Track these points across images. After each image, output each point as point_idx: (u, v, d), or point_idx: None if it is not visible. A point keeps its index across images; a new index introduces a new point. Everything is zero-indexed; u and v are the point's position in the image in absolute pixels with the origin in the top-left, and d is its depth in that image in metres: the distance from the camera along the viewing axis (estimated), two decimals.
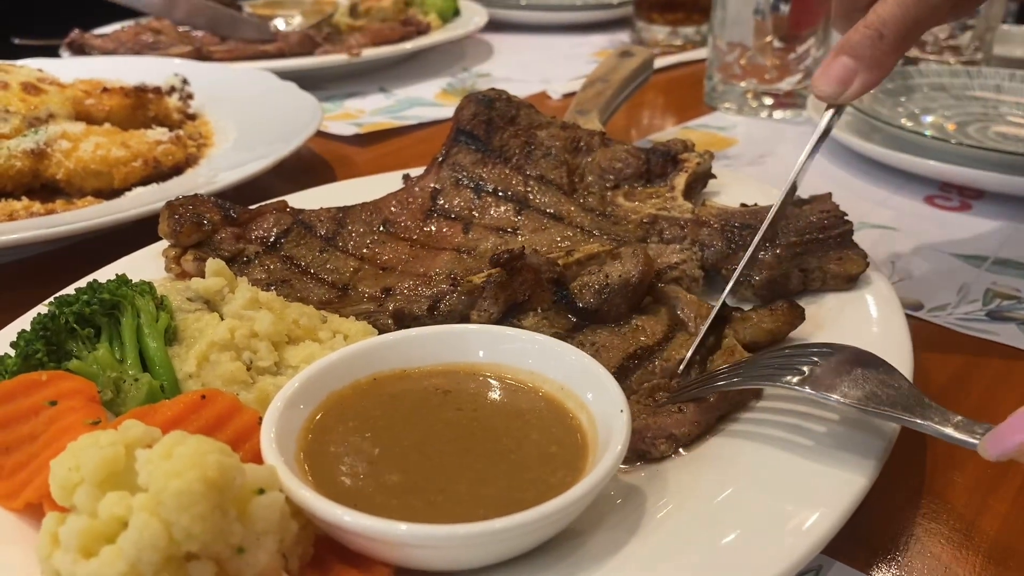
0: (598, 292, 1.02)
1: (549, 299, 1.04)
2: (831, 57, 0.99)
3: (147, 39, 2.44)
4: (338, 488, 0.74)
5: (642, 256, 1.04)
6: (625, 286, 1.02)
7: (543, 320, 1.02)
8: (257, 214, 1.24)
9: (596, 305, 1.02)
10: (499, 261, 0.99)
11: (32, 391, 0.82)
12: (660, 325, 1.01)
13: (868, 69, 0.96)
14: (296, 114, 1.78)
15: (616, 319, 1.03)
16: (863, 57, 0.96)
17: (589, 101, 1.68)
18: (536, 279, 1.02)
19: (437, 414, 0.84)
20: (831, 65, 0.98)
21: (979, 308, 1.24)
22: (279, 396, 0.80)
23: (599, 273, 1.03)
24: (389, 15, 2.79)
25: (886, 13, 0.94)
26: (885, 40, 0.94)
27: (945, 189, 1.64)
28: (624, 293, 1.03)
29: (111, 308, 0.91)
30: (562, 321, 1.02)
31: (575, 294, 1.03)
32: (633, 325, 1.02)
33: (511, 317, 1.01)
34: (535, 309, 1.03)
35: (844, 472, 0.78)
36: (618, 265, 1.03)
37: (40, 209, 1.46)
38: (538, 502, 0.69)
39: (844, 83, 0.98)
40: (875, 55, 0.95)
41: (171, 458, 0.65)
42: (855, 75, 0.97)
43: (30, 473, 0.76)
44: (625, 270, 1.02)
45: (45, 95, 1.70)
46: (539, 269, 1.02)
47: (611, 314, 1.03)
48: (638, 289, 1.04)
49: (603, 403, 0.81)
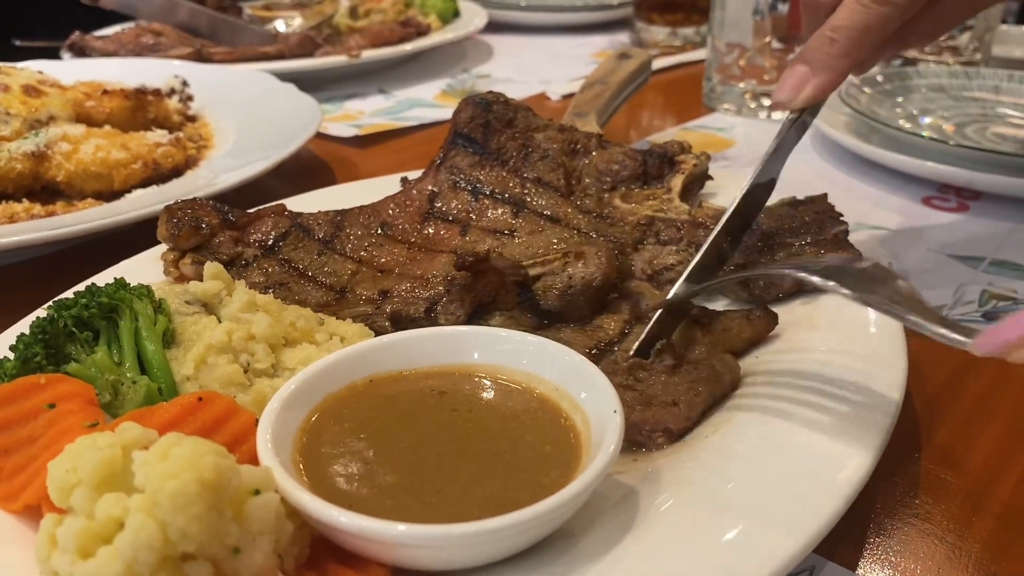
0: (561, 293, 1.04)
1: (514, 300, 1.06)
2: (789, 66, 1.04)
3: (148, 41, 2.45)
4: (334, 489, 0.75)
5: (605, 257, 1.05)
6: (587, 287, 1.05)
7: (509, 320, 1.04)
8: (255, 217, 1.25)
9: (559, 306, 1.05)
10: (464, 264, 1.00)
11: (31, 394, 0.82)
12: (620, 321, 1.04)
13: (819, 72, 1.01)
14: (295, 116, 1.79)
15: (580, 318, 1.06)
16: (815, 61, 1.01)
17: (587, 103, 1.69)
18: (500, 281, 1.04)
19: (433, 415, 0.84)
20: (788, 73, 1.04)
21: (975, 309, 1.24)
22: (275, 398, 0.80)
23: (563, 274, 1.05)
24: (389, 16, 2.79)
25: (837, 20, 1.00)
26: (836, 44, 0.99)
27: (943, 190, 1.64)
28: (586, 294, 1.05)
29: (109, 311, 0.92)
30: (527, 321, 1.05)
31: (539, 295, 1.06)
32: (595, 324, 1.05)
33: (477, 318, 1.04)
34: (501, 310, 1.05)
35: (837, 471, 0.79)
36: (581, 266, 1.05)
37: (41, 211, 1.47)
38: (532, 502, 0.69)
39: (797, 88, 1.03)
40: (825, 59, 1.00)
41: (167, 459, 0.66)
42: (808, 80, 1.02)
43: (29, 475, 0.77)
44: (588, 272, 1.04)
45: (46, 97, 1.70)
46: (504, 272, 1.04)
47: (574, 314, 1.06)
48: (600, 290, 1.06)
49: (597, 403, 0.81)
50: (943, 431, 1.00)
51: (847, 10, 0.99)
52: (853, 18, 0.99)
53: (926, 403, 1.04)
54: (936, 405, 1.04)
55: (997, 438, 0.99)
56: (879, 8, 0.98)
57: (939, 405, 1.05)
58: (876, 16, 0.98)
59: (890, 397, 0.87)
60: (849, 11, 0.99)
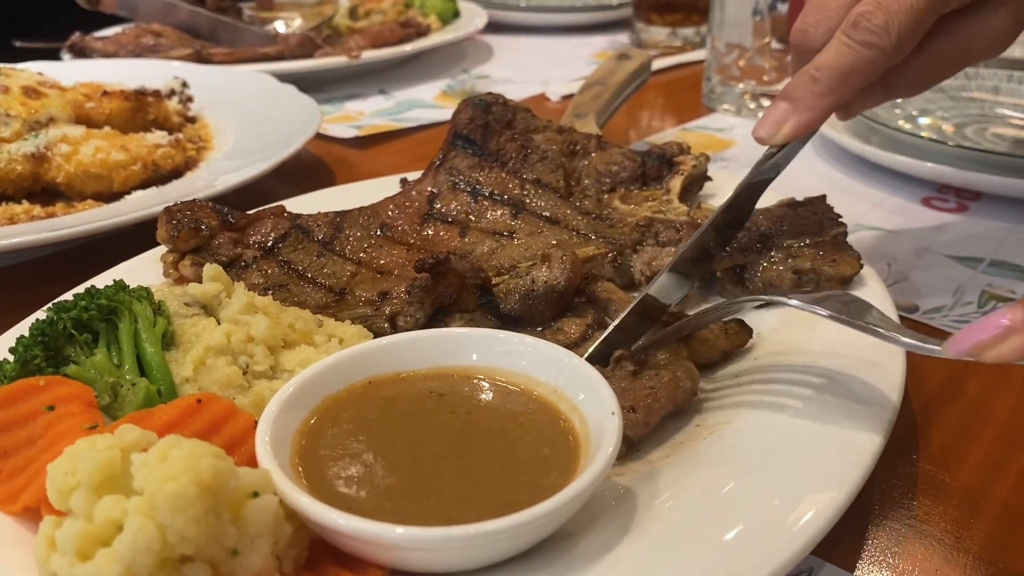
0: (523, 298, 1.04)
1: (476, 302, 1.06)
2: (772, 103, 1.05)
3: (148, 42, 2.45)
4: (332, 491, 0.75)
5: (570, 262, 1.05)
6: (550, 293, 1.04)
7: (469, 323, 1.04)
8: (255, 219, 1.25)
9: (520, 311, 1.05)
10: (424, 267, 1.00)
11: (30, 396, 0.82)
12: (582, 326, 1.04)
13: (800, 111, 1.02)
14: (295, 117, 1.79)
15: (541, 322, 1.05)
16: (796, 99, 1.02)
17: (586, 104, 1.69)
18: (462, 283, 1.04)
19: (431, 417, 0.84)
20: (769, 109, 1.05)
21: (974, 310, 1.24)
22: (274, 400, 0.80)
23: (526, 278, 1.05)
24: (389, 17, 2.79)
25: (822, 59, 1.00)
26: (819, 84, 1.00)
27: (942, 191, 1.64)
28: (548, 300, 1.05)
29: (109, 313, 0.92)
30: (487, 323, 1.05)
31: (500, 298, 1.05)
32: (554, 328, 1.04)
33: (437, 320, 1.04)
34: (461, 312, 1.05)
35: (834, 473, 0.79)
36: (545, 271, 1.04)
37: (41, 212, 1.47)
38: (531, 504, 0.70)
39: (778, 125, 1.04)
40: (807, 97, 1.01)
41: (166, 462, 0.66)
42: (788, 117, 1.03)
43: (28, 477, 0.77)
44: (551, 276, 1.04)
45: (45, 99, 1.71)
46: (464, 275, 1.03)
47: (536, 318, 1.05)
48: (563, 296, 1.05)
49: (595, 405, 0.81)
50: (941, 432, 1.00)
51: (832, 50, 0.99)
52: (838, 59, 0.99)
53: (924, 405, 1.05)
54: (934, 407, 1.05)
55: (994, 439, 0.99)
56: (864, 51, 0.98)
57: (937, 407, 1.05)
58: (861, 59, 0.98)
59: (888, 398, 0.88)
60: (834, 51, 0.99)
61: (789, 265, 1.11)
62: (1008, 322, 0.72)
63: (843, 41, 0.99)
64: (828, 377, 0.93)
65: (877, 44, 0.97)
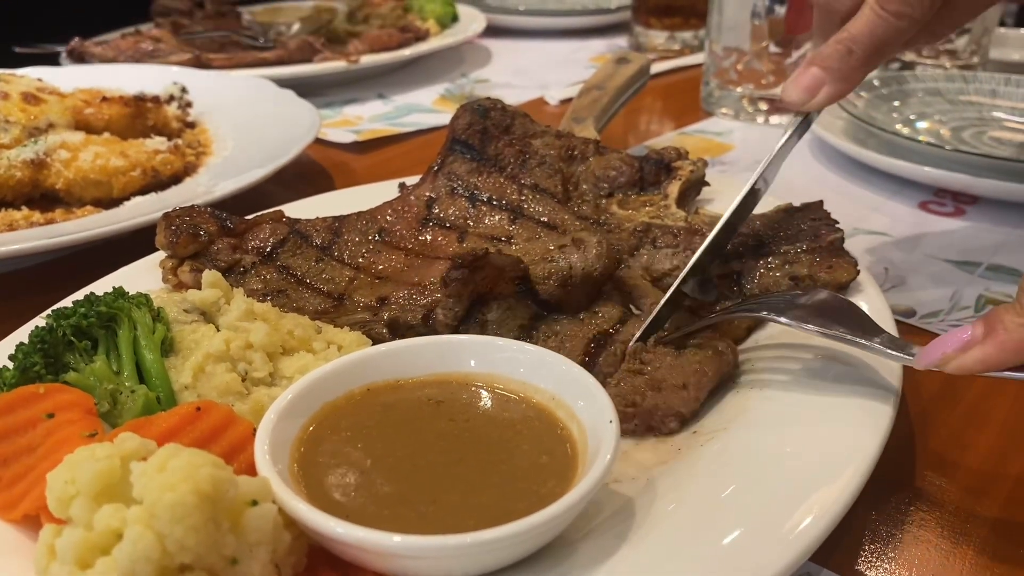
0: (561, 284, 1.05)
1: (513, 290, 1.06)
2: (803, 67, 1.05)
3: (147, 47, 2.46)
4: (331, 499, 0.75)
5: (606, 249, 1.05)
6: (587, 279, 1.05)
7: (506, 311, 1.04)
8: (253, 224, 1.25)
9: (558, 297, 1.06)
10: (464, 263, 1.01)
11: (30, 404, 0.83)
12: (615, 310, 1.06)
13: (835, 81, 1.02)
14: (294, 122, 1.79)
15: (576, 309, 1.07)
16: (832, 69, 1.02)
17: (585, 108, 1.69)
18: (499, 276, 1.04)
19: (430, 424, 0.85)
20: (801, 74, 1.04)
21: (971, 315, 1.25)
22: (273, 408, 0.81)
23: (562, 262, 1.06)
24: (387, 21, 2.80)
25: (856, 31, 1.00)
26: (854, 56, 1.00)
27: (940, 195, 1.65)
28: (586, 286, 1.06)
29: (108, 320, 0.92)
30: (526, 312, 1.06)
31: (538, 284, 1.06)
32: (591, 311, 1.06)
33: (476, 311, 1.04)
34: (499, 301, 1.05)
35: (833, 478, 0.79)
36: (582, 256, 1.05)
37: (40, 219, 1.47)
38: (529, 512, 0.70)
39: (811, 92, 1.04)
40: (843, 68, 1.01)
41: (165, 471, 0.66)
42: (822, 85, 1.03)
43: (28, 485, 0.77)
44: (588, 263, 1.05)
45: (45, 105, 1.71)
46: (503, 268, 1.04)
47: (572, 304, 1.06)
48: (599, 282, 1.06)
49: (593, 413, 0.81)
50: (938, 438, 1.00)
51: (867, 22, 1.00)
52: (873, 30, 0.99)
53: (921, 410, 1.05)
54: (931, 412, 1.05)
55: (991, 445, 0.99)
56: (896, 22, 0.98)
57: (934, 412, 1.05)
58: (893, 29, 0.99)
59: (886, 404, 0.88)
60: (869, 23, 0.99)
61: (786, 271, 1.12)
62: (969, 336, 0.77)
63: (876, 12, 0.99)
64: (825, 382, 0.93)
65: (909, 14, 0.98)
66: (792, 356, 1.00)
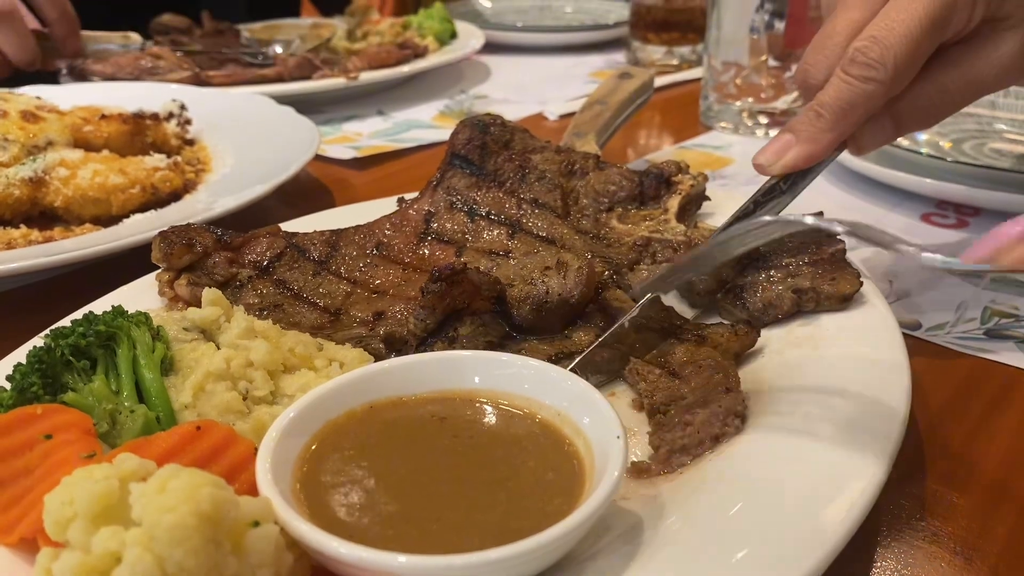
0: (536, 308, 1.05)
1: (488, 307, 1.06)
2: (776, 135, 1.11)
3: (146, 64, 2.46)
4: (334, 518, 0.74)
5: (586, 273, 1.05)
6: (563, 305, 1.05)
7: (479, 327, 1.04)
8: (250, 238, 1.25)
9: (532, 321, 1.05)
10: (441, 276, 1.00)
11: (28, 425, 0.81)
12: (591, 334, 1.05)
13: (803, 143, 1.07)
14: (294, 139, 1.79)
15: (551, 331, 1.07)
16: (800, 132, 1.07)
17: (586, 123, 1.69)
18: (476, 292, 1.04)
19: (433, 442, 0.83)
20: (772, 140, 1.10)
21: (977, 327, 1.24)
22: (274, 426, 0.79)
23: (540, 285, 1.05)
24: (387, 38, 2.80)
25: (824, 96, 1.06)
26: (822, 119, 1.05)
27: (942, 207, 1.64)
28: (561, 310, 1.05)
29: (107, 340, 0.91)
30: (497, 330, 1.06)
31: (513, 307, 1.06)
32: (564, 336, 1.06)
33: (449, 325, 1.04)
34: (472, 316, 1.05)
35: (843, 493, 0.78)
36: (560, 281, 1.05)
37: (38, 237, 1.46)
38: (535, 531, 0.68)
39: (779, 154, 1.09)
40: (811, 132, 1.06)
41: (164, 492, 0.65)
42: (790, 148, 1.08)
43: (25, 507, 0.76)
44: (565, 288, 1.04)
45: (44, 123, 1.70)
46: (480, 285, 1.04)
47: (546, 328, 1.06)
48: (576, 307, 1.05)
49: (599, 428, 0.80)
50: (948, 451, 0.99)
51: (833, 87, 1.04)
52: (838, 95, 1.04)
53: (929, 424, 1.04)
54: (940, 426, 1.04)
55: (1001, 458, 0.98)
56: (863, 85, 1.02)
57: (942, 423, 1.04)
58: (861, 93, 1.02)
59: (894, 418, 0.87)
60: (835, 88, 1.04)
61: (789, 284, 1.11)
62: None
63: (842, 78, 1.03)
64: (833, 397, 0.92)
65: (875, 78, 1.01)
66: (799, 372, 0.99)
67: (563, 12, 3.56)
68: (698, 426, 0.90)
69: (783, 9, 2.00)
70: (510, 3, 3.66)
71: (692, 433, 0.89)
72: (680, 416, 0.92)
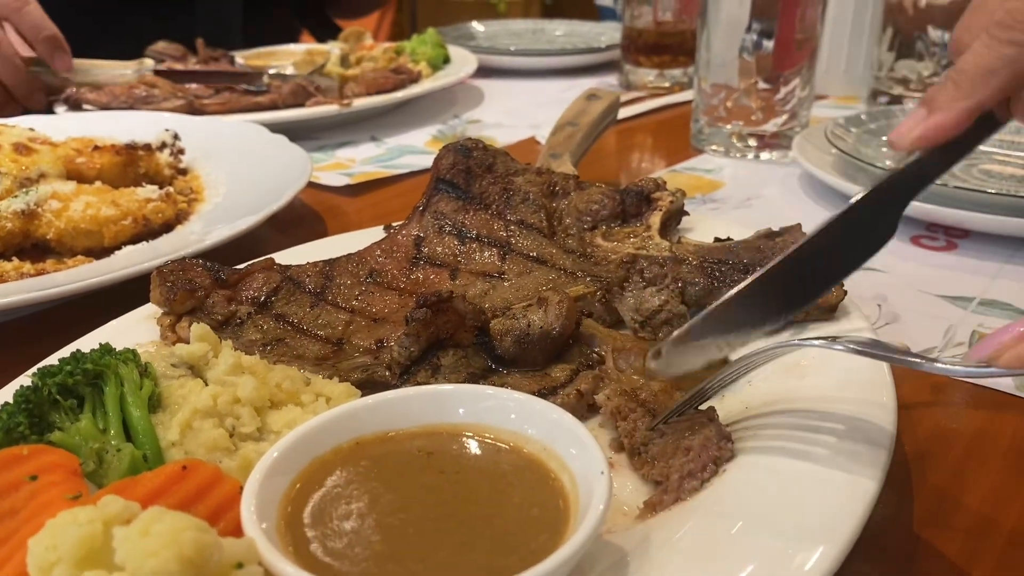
0: (517, 341, 1.05)
1: (471, 339, 1.07)
2: None
3: (140, 93, 2.47)
4: (319, 558, 0.74)
5: (567, 308, 1.06)
6: (544, 338, 1.06)
7: (461, 359, 1.05)
8: (246, 274, 1.25)
9: (514, 354, 1.06)
10: (426, 302, 1.01)
11: (13, 466, 0.81)
12: (566, 371, 1.06)
13: (935, 113, 0.96)
14: (286, 167, 1.80)
15: (533, 365, 1.07)
16: (933, 102, 0.97)
17: (560, 144, 1.72)
18: (460, 322, 1.04)
19: (419, 478, 0.83)
20: (909, 114, 1.00)
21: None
22: (259, 466, 0.79)
23: (522, 320, 1.06)
24: (380, 64, 2.82)
25: (963, 63, 0.96)
26: (957, 87, 0.95)
27: (932, 229, 1.65)
28: (543, 345, 1.06)
29: (95, 378, 0.92)
30: (479, 362, 1.07)
31: (495, 340, 1.06)
32: (544, 372, 1.06)
33: (431, 354, 1.05)
34: (456, 347, 1.06)
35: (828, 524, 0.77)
36: (541, 315, 1.06)
37: (31, 269, 1.47)
38: (521, 567, 0.68)
39: (911, 128, 0.98)
40: (943, 100, 0.96)
41: (148, 536, 0.65)
42: (922, 120, 0.97)
43: (9, 551, 0.76)
44: (547, 322, 1.05)
45: (36, 155, 1.71)
46: (464, 315, 1.04)
47: (528, 363, 1.07)
48: (557, 341, 1.06)
49: (584, 463, 0.80)
50: (935, 479, 0.99)
51: (973, 52, 0.95)
52: (977, 60, 0.94)
53: (917, 450, 1.04)
54: (926, 452, 1.04)
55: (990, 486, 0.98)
56: (1004, 49, 0.93)
57: (930, 449, 1.04)
58: (1001, 57, 0.93)
59: (882, 445, 0.86)
60: (975, 53, 0.95)
61: None
62: None
63: (984, 41, 0.95)
64: (820, 423, 0.92)
65: (1018, 40, 0.92)
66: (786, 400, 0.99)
67: (555, 36, 3.59)
68: (698, 450, 0.90)
69: (772, 30, 2.01)
70: (503, 27, 3.69)
71: (695, 457, 0.89)
72: (676, 444, 0.92)
